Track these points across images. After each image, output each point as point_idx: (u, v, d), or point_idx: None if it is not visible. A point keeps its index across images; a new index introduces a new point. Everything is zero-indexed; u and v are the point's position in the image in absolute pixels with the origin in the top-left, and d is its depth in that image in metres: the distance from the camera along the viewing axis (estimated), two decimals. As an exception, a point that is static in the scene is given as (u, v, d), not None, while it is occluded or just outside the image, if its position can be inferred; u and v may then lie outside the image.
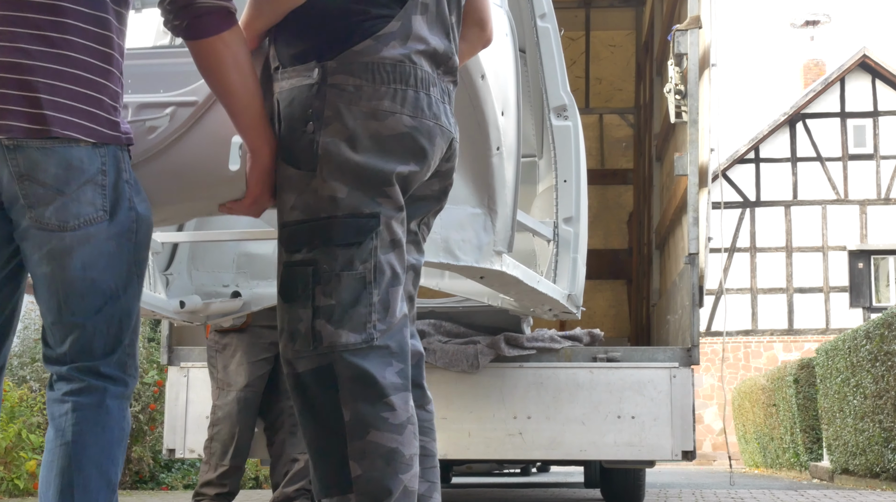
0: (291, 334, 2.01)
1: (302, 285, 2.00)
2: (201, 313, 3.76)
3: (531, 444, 5.25)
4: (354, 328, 1.99)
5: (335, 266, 2.00)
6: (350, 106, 2.01)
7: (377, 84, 2.02)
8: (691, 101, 5.57)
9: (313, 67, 2.03)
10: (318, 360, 1.98)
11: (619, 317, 9.71)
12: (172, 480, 9.45)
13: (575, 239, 4.43)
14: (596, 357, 5.34)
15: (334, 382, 1.96)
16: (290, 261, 2.03)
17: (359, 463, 1.94)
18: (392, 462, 1.95)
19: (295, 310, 2.01)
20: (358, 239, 2.01)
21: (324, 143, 2.00)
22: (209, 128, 2.05)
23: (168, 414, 5.51)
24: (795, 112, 25.04)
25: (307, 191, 2.01)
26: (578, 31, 9.49)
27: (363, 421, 1.95)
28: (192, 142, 2.06)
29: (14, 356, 9.26)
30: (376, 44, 2.04)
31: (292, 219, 2.03)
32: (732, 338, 24.08)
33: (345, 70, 2.02)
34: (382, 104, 2.03)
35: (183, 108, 2.07)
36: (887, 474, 9.73)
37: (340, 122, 2.00)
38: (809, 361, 13.90)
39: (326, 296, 1.98)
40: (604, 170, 9.90)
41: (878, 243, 24.52)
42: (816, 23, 28.81)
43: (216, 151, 2.03)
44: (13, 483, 7.40)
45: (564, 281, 4.37)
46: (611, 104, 9.94)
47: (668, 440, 5.20)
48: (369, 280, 2.01)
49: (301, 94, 2.04)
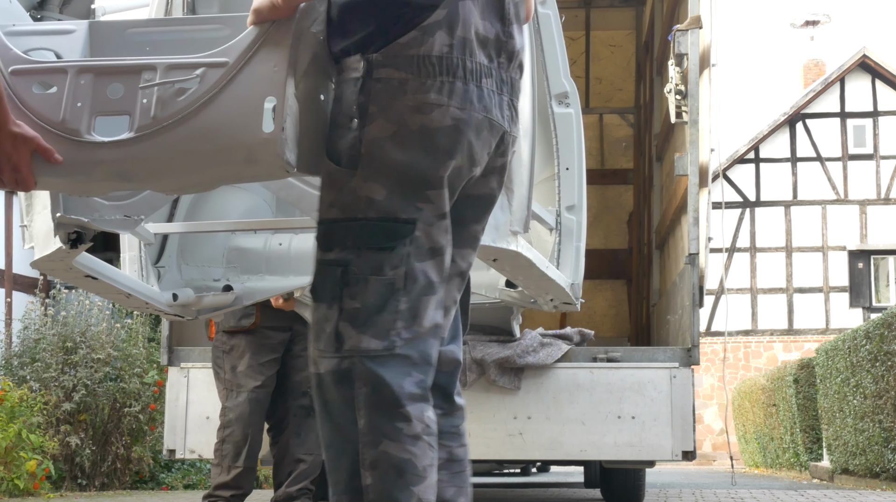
0: (318, 333, 1.99)
1: (331, 285, 1.98)
2: (193, 307, 3.71)
3: (531, 444, 5.25)
4: (377, 334, 1.95)
5: (364, 269, 1.96)
6: (395, 100, 1.96)
7: (423, 77, 1.97)
8: (691, 101, 5.57)
9: (358, 61, 1.99)
10: (339, 363, 1.95)
11: (619, 317, 9.71)
12: (172, 480, 9.45)
13: (578, 227, 4.40)
14: (596, 357, 5.34)
15: (352, 387, 1.94)
16: (323, 259, 2.01)
17: (370, 472, 1.92)
18: (404, 474, 1.92)
19: (323, 309, 1.99)
20: (390, 243, 1.97)
21: (367, 141, 1.97)
22: (241, 90, 2.01)
23: (168, 414, 5.51)
24: (795, 112, 25.04)
25: (345, 189, 1.98)
26: (578, 31, 9.49)
27: (377, 430, 1.93)
28: (223, 105, 2.01)
29: (14, 356, 9.26)
30: (422, 35, 1.98)
31: (329, 216, 2.01)
32: (732, 338, 24.08)
33: (390, 63, 1.97)
34: (429, 97, 1.97)
35: (213, 69, 2.03)
36: (887, 474, 9.73)
37: (385, 117, 1.96)
38: (809, 361, 13.89)
39: (353, 298, 1.96)
40: (604, 170, 9.90)
41: (877, 243, 24.52)
42: (816, 23, 28.80)
43: (248, 113, 1.99)
44: (13, 483, 7.40)
45: (568, 269, 4.34)
46: (611, 104, 9.93)
47: (668, 440, 5.20)
48: (398, 286, 1.97)
49: (346, 89, 2.00)
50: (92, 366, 8.73)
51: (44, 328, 9.05)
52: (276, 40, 2.01)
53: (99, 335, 8.94)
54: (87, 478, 8.72)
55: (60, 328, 8.93)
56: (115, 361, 8.92)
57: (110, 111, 2.10)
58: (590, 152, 9.94)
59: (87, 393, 8.61)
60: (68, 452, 8.60)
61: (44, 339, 8.95)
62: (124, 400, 8.83)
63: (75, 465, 8.69)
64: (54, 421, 8.57)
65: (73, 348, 8.82)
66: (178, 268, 3.81)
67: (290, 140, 1.99)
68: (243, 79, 2.02)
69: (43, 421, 8.33)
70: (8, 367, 9.19)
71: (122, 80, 2.09)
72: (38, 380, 8.71)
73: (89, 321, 9.06)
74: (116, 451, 8.86)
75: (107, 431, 8.89)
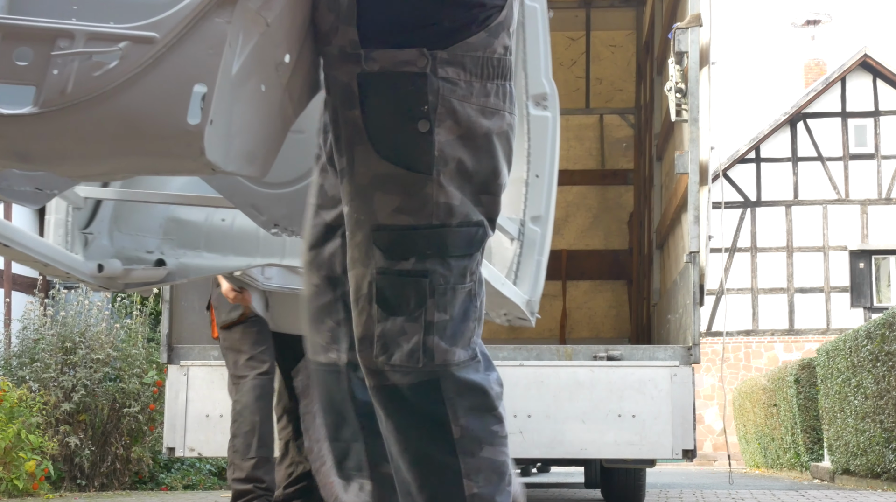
0: (386, 345, 1.87)
1: (413, 297, 1.87)
2: (120, 280, 3.46)
3: (532, 443, 5.24)
4: (465, 344, 1.89)
5: (451, 279, 1.88)
6: (463, 103, 1.86)
7: (484, 80, 1.89)
8: (692, 98, 5.57)
9: (419, 56, 1.85)
10: (422, 376, 1.87)
11: (619, 317, 9.70)
12: (172, 480, 9.44)
13: (541, 240, 4.17)
14: (596, 355, 5.33)
15: (439, 397, 1.87)
16: (395, 269, 1.87)
17: (474, 480, 1.87)
18: (504, 475, 1.89)
19: (397, 322, 1.87)
20: (471, 250, 1.90)
21: (440, 144, 1.85)
22: (167, 72, 1.76)
23: (168, 412, 5.51)
24: (796, 111, 25.05)
25: (419, 194, 1.86)
26: (579, 32, 9.49)
27: (475, 437, 1.86)
28: (145, 87, 1.76)
29: (13, 356, 9.26)
30: (488, 36, 1.89)
31: (399, 222, 1.86)
32: (733, 338, 24.08)
33: (457, 63, 1.86)
34: (489, 101, 1.89)
35: (138, 44, 1.76)
36: (888, 474, 9.71)
37: (454, 120, 1.86)
38: (810, 361, 13.89)
39: (441, 310, 1.87)
40: (604, 171, 9.90)
41: (878, 243, 24.52)
42: (817, 22, 28.81)
43: (173, 100, 1.76)
44: (13, 483, 7.39)
45: (526, 284, 4.10)
46: (611, 104, 9.93)
47: (668, 438, 5.19)
48: (475, 293, 1.92)
49: (405, 84, 1.86)
50: (91, 366, 8.73)
51: (43, 328, 9.05)
52: (215, 18, 1.77)
53: (98, 335, 8.94)
54: (86, 479, 8.72)
55: (59, 328, 8.93)
56: (114, 361, 8.92)
57: (14, 79, 1.79)
58: (590, 152, 9.95)
59: (86, 393, 8.61)
60: (68, 452, 8.60)
61: (43, 339, 8.95)
62: (124, 400, 8.83)
63: (75, 466, 8.68)
64: (53, 421, 8.56)
65: (72, 348, 8.81)
66: (109, 235, 3.57)
67: (218, 135, 1.79)
68: (172, 59, 1.78)
69: (42, 421, 8.32)
70: (7, 367, 9.19)
71: (32, 45, 1.79)
72: (38, 381, 8.71)
73: (88, 321, 9.06)
74: (116, 452, 8.86)
75: (106, 431, 8.88)
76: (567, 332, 9.44)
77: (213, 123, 1.76)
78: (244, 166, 1.88)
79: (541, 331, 9.63)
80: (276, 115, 1.91)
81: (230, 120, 1.81)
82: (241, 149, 1.85)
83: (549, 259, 10.67)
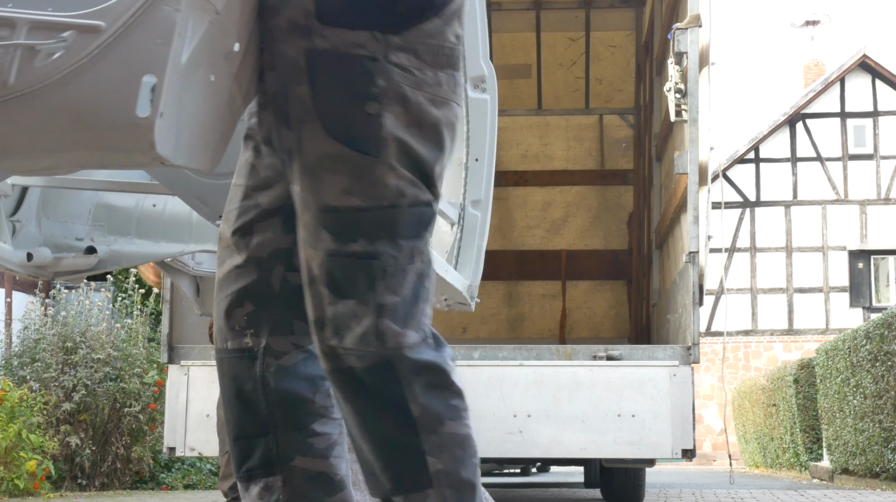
0: (339, 328, 1.84)
1: (364, 280, 1.83)
2: (50, 268, 3.39)
3: (531, 443, 5.25)
4: (416, 326, 1.86)
5: (401, 260, 1.85)
6: (415, 90, 1.83)
7: (436, 69, 1.85)
8: (691, 99, 5.59)
9: (371, 39, 1.81)
10: (376, 359, 1.84)
11: (619, 317, 9.72)
12: (172, 480, 9.45)
13: (482, 224, 4.09)
14: (596, 355, 5.34)
15: (395, 378, 1.84)
16: (345, 251, 1.84)
17: (438, 456, 1.84)
18: (467, 448, 1.87)
19: (348, 305, 1.83)
20: (420, 230, 1.87)
21: (390, 127, 1.82)
22: (115, 63, 1.68)
23: (168, 412, 5.52)
24: (795, 112, 25.06)
25: (368, 176, 1.82)
26: (578, 32, 9.51)
27: (435, 414, 1.85)
28: (92, 78, 1.68)
29: (14, 356, 9.27)
30: (442, 24, 1.86)
31: (346, 204, 1.83)
32: (732, 338, 24.10)
33: (410, 50, 1.83)
34: (441, 91, 1.86)
35: (84, 34, 1.68)
36: (887, 474, 9.73)
37: (404, 107, 1.83)
38: (809, 361, 13.91)
39: (391, 292, 1.84)
40: (604, 171, 9.92)
41: (877, 243, 24.54)
42: (816, 23, 28.83)
43: (121, 92, 1.68)
44: (13, 483, 7.41)
45: (467, 269, 4.04)
46: (611, 105, 9.95)
47: (668, 438, 5.20)
48: (425, 274, 1.89)
49: (358, 66, 1.81)
50: (92, 366, 8.74)
51: (44, 328, 9.07)
52: (164, 6, 1.70)
53: (99, 335, 8.95)
54: (87, 478, 8.73)
55: (60, 328, 8.94)
56: (115, 361, 8.93)
57: None
58: (589, 153, 9.97)
59: (87, 393, 8.62)
60: (68, 452, 8.61)
61: (44, 339, 8.96)
62: (124, 400, 8.84)
63: (75, 465, 8.70)
64: (54, 421, 8.58)
65: (73, 348, 8.83)
66: (37, 223, 3.46)
67: (168, 127, 1.71)
68: (119, 49, 1.70)
69: (43, 421, 8.34)
70: (8, 367, 9.20)
71: None
72: (38, 380, 8.72)
73: (89, 321, 9.07)
74: (116, 451, 8.87)
75: (107, 431, 8.89)
76: (567, 332, 9.46)
77: (164, 115, 1.69)
78: (194, 159, 1.80)
79: (541, 331, 9.66)
80: (225, 106, 1.85)
81: (179, 111, 1.74)
82: (190, 141, 1.78)
83: (550, 259, 10.58)
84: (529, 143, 9.95)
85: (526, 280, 9.78)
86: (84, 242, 3.54)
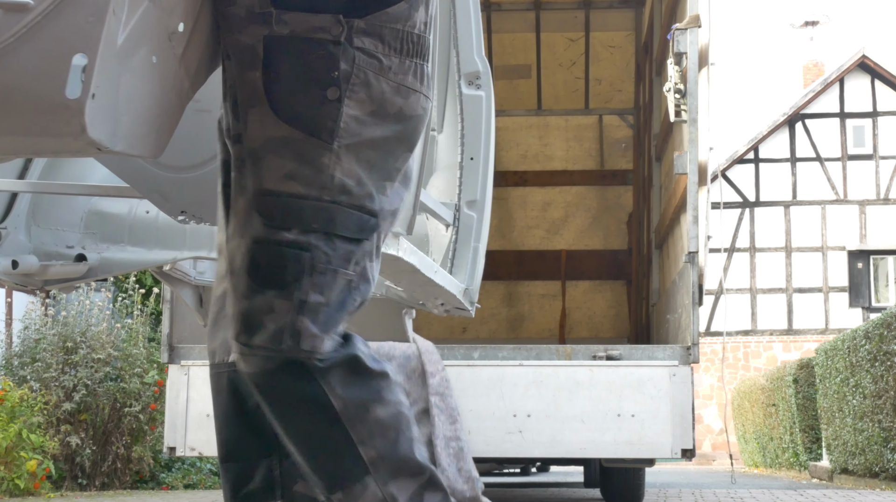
0: (250, 325, 1.71)
1: (290, 271, 1.70)
2: (37, 277, 3.29)
3: (531, 443, 5.26)
4: (332, 336, 1.74)
5: (333, 260, 1.72)
6: (379, 77, 1.73)
7: (403, 56, 1.75)
8: (691, 99, 5.60)
9: (334, 23, 1.71)
10: (286, 360, 1.71)
11: (619, 317, 9.73)
12: (173, 480, 9.46)
13: (478, 225, 3.93)
14: (596, 355, 5.35)
15: (309, 375, 1.72)
16: (276, 238, 1.71)
17: (370, 444, 1.75)
18: (399, 425, 1.77)
19: (267, 298, 1.70)
20: (359, 236, 1.74)
21: (348, 115, 1.71)
22: (43, 43, 1.59)
23: (169, 412, 5.53)
24: (795, 112, 25.08)
25: (314, 163, 1.71)
26: (578, 33, 9.52)
27: (359, 402, 1.74)
28: (19, 58, 1.58)
29: (14, 356, 9.28)
30: (409, 8, 1.76)
31: (287, 189, 1.71)
32: (732, 338, 24.11)
33: (375, 34, 1.72)
34: (407, 80, 1.76)
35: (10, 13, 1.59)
36: (886, 474, 9.74)
37: (368, 93, 1.72)
38: (809, 361, 13.91)
39: (317, 291, 1.71)
40: (604, 171, 9.93)
41: (877, 243, 24.55)
42: (816, 23, 28.85)
43: (50, 72, 1.59)
44: (13, 483, 7.42)
45: (462, 273, 3.87)
46: (610, 105, 9.96)
47: (667, 438, 5.21)
48: (355, 286, 1.75)
49: (318, 49, 1.71)
50: (92, 365, 8.75)
51: (44, 328, 9.07)
52: None
53: (99, 335, 8.96)
54: (87, 478, 8.74)
55: (61, 328, 8.95)
56: (115, 361, 8.94)
57: None
58: (589, 153, 9.98)
59: (87, 393, 8.63)
60: (68, 452, 8.62)
61: (44, 339, 8.97)
62: (124, 400, 8.85)
63: (75, 465, 8.70)
64: (54, 420, 8.58)
65: (73, 348, 8.83)
66: (26, 230, 3.37)
67: (103, 110, 1.60)
68: (48, 28, 1.59)
69: (43, 420, 8.34)
70: (8, 367, 9.21)
71: None
72: (39, 380, 8.72)
73: (89, 321, 9.08)
74: (117, 451, 8.88)
75: (107, 431, 8.90)
76: (566, 332, 9.47)
77: (96, 97, 1.58)
78: (136, 145, 1.69)
79: (540, 331, 9.67)
80: (170, 89, 1.74)
81: (117, 94, 1.63)
82: (131, 125, 1.67)
83: (549, 259, 10.57)
84: (529, 144, 9.96)
85: (526, 280, 9.79)
86: (74, 250, 3.46)
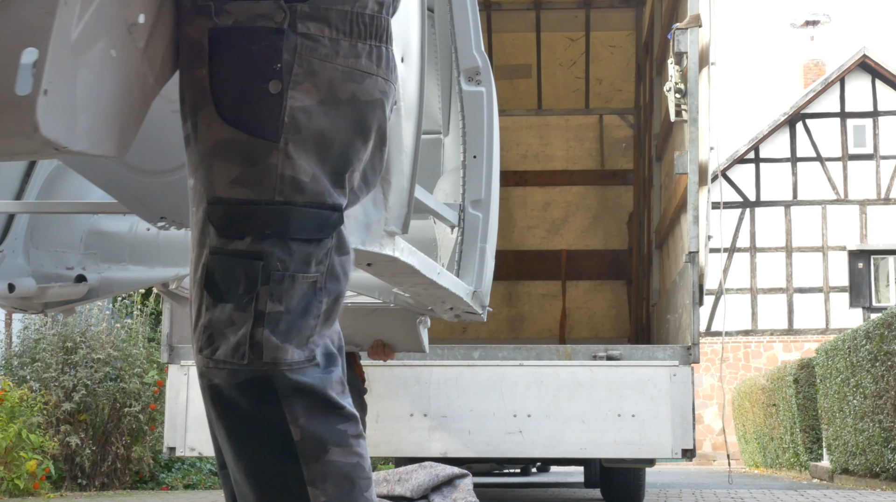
0: (212, 337, 1.64)
1: (243, 282, 1.62)
2: (35, 299, 3.23)
3: (531, 443, 5.26)
4: (300, 343, 1.64)
5: (290, 265, 1.63)
6: (325, 63, 1.63)
7: (354, 39, 1.66)
8: (691, 99, 5.59)
9: (276, 9, 1.62)
10: (251, 374, 1.62)
11: (619, 317, 9.72)
12: (172, 480, 9.46)
13: (484, 225, 3.80)
14: (596, 355, 5.35)
15: (273, 396, 1.62)
16: (227, 249, 1.63)
17: (321, 488, 1.63)
18: (357, 480, 1.66)
19: (225, 310, 1.62)
20: (319, 235, 1.65)
21: (293, 109, 1.62)
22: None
23: (168, 412, 5.52)
24: (795, 112, 25.07)
25: (261, 164, 1.62)
26: (578, 32, 9.51)
27: (319, 438, 1.64)
28: None
29: (14, 356, 9.27)
30: None
31: (234, 196, 1.62)
32: (732, 338, 24.10)
33: (320, 18, 1.63)
34: (360, 63, 1.66)
35: None
36: (887, 474, 9.73)
37: (313, 81, 1.63)
38: (809, 361, 13.91)
39: (275, 300, 1.62)
40: (604, 171, 9.93)
41: (877, 243, 24.54)
42: (816, 23, 28.84)
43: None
44: (13, 483, 7.41)
45: (469, 275, 3.75)
46: (611, 105, 9.95)
47: (668, 438, 5.21)
48: (320, 286, 1.66)
49: (259, 39, 1.62)
50: (92, 366, 8.75)
51: (44, 328, 9.07)
52: None
53: (99, 335, 8.95)
54: (87, 478, 8.73)
55: (60, 328, 8.95)
56: (115, 361, 8.94)
57: None
58: (589, 153, 9.97)
59: (87, 393, 8.62)
60: (68, 452, 8.62)
61: (44, 339, 8.97)
62: (124, 400, 8.84)
63: (75, 465, 8.70)
64: (54, 421, 8.58)
65: (73, 348, 8.83)
66: (25, 252, 3.30)
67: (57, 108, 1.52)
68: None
69: (43, 421, 8.34)
70: (8, 367, 9.21)
71: None
72: (39, 380, 8.72)
73: (89, 321, 9.08)
74: (116, 451, 8.87)
75: (107, 431, 8.90)
76: (567, 332, 9.47)
77: (49, 94, 1.49)
78: (97, 144, 1.61)
79: (540, 331, 9.67)
80: (133, 85, 1.66)
81: (74, 90, 1.54)
82: (91, 124, 1.59)
83: (549, 259, 10.57)
84: (529, 143, 9.96)
85: (526, 280, 9.79)
86: (74, 271, 3.41)
